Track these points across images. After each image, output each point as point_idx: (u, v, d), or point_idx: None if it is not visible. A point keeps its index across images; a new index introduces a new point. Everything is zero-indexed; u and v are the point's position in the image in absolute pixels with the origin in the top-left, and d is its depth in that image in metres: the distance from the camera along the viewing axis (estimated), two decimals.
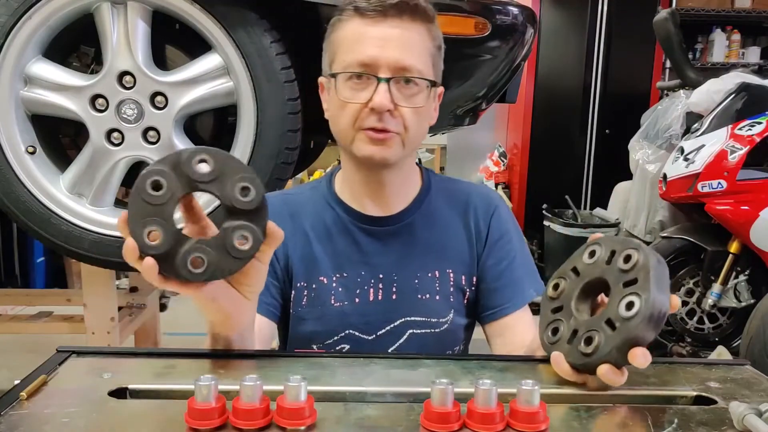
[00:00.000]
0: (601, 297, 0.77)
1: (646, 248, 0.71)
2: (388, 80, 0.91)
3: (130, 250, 0.65)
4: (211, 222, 0.72)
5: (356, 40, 0.93)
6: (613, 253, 0.74)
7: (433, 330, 1.03)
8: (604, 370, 0.68)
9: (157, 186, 0.65)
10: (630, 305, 0.68)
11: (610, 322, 0.69)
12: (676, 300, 0.70)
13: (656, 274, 0.68)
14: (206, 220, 0.72)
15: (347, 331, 1.02)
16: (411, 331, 1.02)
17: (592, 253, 0.77)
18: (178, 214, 0.68)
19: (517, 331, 1.04)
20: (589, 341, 0.70)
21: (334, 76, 0.95)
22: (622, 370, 0.69)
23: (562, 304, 0.77)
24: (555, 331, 0.76)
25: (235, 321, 0.77)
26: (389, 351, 1.02)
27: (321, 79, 1.03)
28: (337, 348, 1.02)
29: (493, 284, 1.06)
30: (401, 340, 1.02)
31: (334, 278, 1.03)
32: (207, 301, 0.72)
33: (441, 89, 1.03)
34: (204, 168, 0.66)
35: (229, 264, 0.68)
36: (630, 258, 0.71)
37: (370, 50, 0.92)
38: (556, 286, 0.79)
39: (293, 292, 1.04)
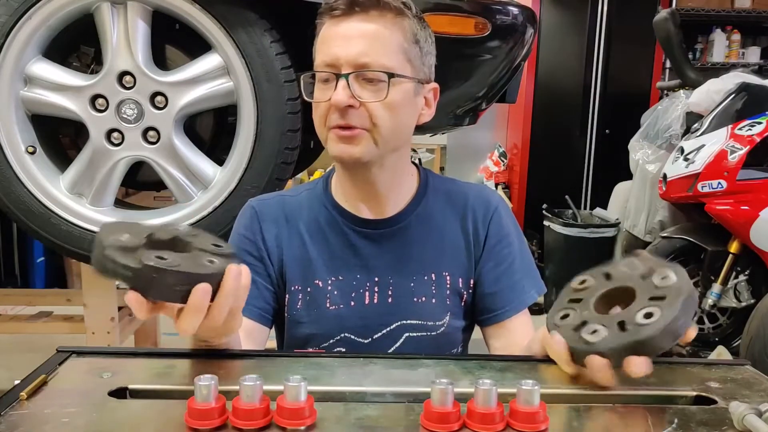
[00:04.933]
0: (618, 309, 0.77)
1: (685, 274, 0.71)
2: (346, 76, 0.90)
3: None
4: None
5: (324, 41, 0.94)
6: (651, 270, 0.74)
7: (429, 333, 1.02)
8: (598, 362, 0.68)
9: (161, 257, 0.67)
10: (648, 315, 0.68)
11: (621, 324, 0.69)
12: (693, 332, 0.70)
13: (686, 299, 0.68)
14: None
15: (343, 335, 1.01)
16: (407, 334, 1.02)
17: (631, 265, 0.77)
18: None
19: (517, 334, 1.03)
20: (594, 332, 0.70)
21: (300, 79, 0.97)
22: (612, 372, 0.69)
23: (582, 298, 0.77)
24: (564, 316, 0.76)
25: (219, 342, 0.79)
26: None
27: None
28: (334, 351, 1.02)
29: (492, 288, 1.05)
30: (397, 344, 1.02)
31: (330, 281, 1.02)
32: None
33: (433, 85, 1.01)
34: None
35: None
36: (667, 277, 0.71)
37: (333, 49, 0.91)
38: (583, 281, 0.79)
39: (287, 295, 1.03)
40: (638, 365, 0.67)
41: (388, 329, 1.01)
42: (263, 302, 1.02)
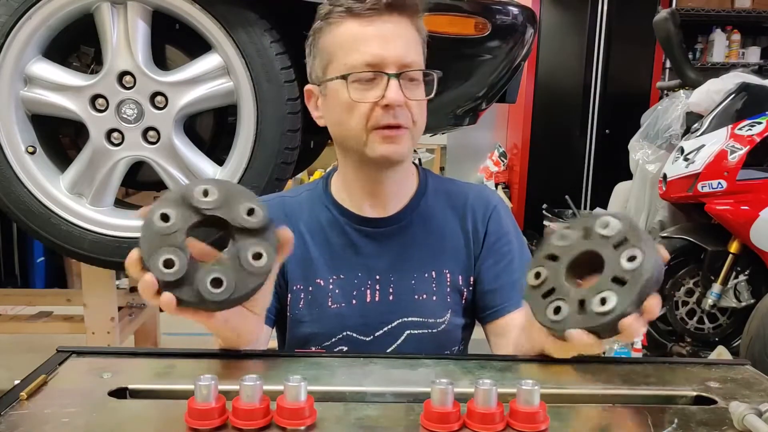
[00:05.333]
0: (578, 282, 0.77)
1: (620, 213, 0.74)
2: (397, 75, 0.92)
3: (148, 285, 0.67)
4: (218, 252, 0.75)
5: (355, 41, 0.93)
6: (587, 229, 0.75)
7: (430, 330, 1.02)
8: (630, 321, 0.67)
9: (165, 218, 0.69)
10: (632, 258, 0.69)
11: (617, 280, 0.70)
12: (664, 251, 0.71)
13: (642, 231, 0.71)
14: (215, 252, 0.75)
15: (345, 333, 1.02)
16: (408, 331, 1.02)
17: (563, 237, 0.77)
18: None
19: (513, 331, 1.03)
20: (604, 301, 0.70)
21: (345, 77, 0.93)
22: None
23: (553, 287, 0.76)
24: (557, 310, 0.74)
25: (245, 338, 0.81)
26: (387, 352, 1.02)
27: (309, 87, 1.02)
28: (336, 350, 1.02)
29: (492, 285, 1.05)
30: (399, 341, 1.02)
31: (331, 280, 1.03)
32: (220, 324, 0.75)
33: None
34: (209, 197, 0.71)
35: (249, 281, 0.71)
36: (609, 224, 0.73)
37: (374, 49, 0.92)
38: (537, 275, 0.78)
39: (289, 294, 1.04)
40: (657, 305, 0.68)
41: (389, 327, 1.02)
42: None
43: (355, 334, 1.02)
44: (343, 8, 0.94)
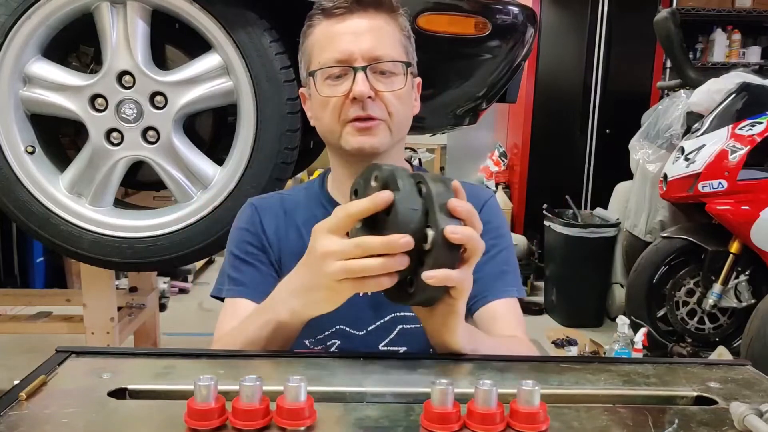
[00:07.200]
0: None
1: (399, 173, 0.71)
2: (364, 68, 0.93)
3: (407, 243, 0.68)
4: None
5: (328, 39, 0.96)
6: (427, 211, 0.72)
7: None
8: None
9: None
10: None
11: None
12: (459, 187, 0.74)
13: (439, 200, 0.70)
14: None
15: (337, 327, 1.02)
16: (401, 326, 1.02)
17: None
18: None
19: (498, 321, 1.02)
20: (410, 283, 0.72)
21: (312, 74, 0.98)
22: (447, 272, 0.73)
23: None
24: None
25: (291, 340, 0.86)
26: (380, 347, 1.02)
27: (301, 90, 1.05)
28: (328, 343, 1.03)
29: (477, 273, 1.05)
30: (391, 335, 1.02)
31: None
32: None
33: (418, 80, 1.06)
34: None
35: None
36: (428, 237, 0.71)
37: (344, 45, 0.94)
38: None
39: None
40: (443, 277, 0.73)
41: (381, 321, 1.02)
42: (269, 288, 1.03)
43: (347, 328, 1.02)
44: (319, 9, 0.97)
